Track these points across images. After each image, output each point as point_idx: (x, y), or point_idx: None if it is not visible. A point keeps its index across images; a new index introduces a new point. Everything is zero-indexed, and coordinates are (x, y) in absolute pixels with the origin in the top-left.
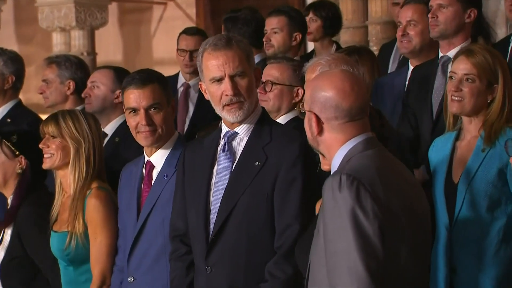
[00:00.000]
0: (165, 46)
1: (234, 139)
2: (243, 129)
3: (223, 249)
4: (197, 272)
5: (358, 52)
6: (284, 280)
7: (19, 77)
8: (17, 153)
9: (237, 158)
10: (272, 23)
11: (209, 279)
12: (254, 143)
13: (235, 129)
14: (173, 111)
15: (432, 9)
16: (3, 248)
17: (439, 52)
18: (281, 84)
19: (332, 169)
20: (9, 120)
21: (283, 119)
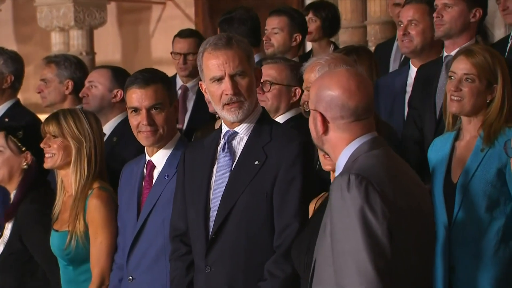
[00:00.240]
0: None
1: (234, 139)
2: (243, 128)
3: (222, 248)
4: (197, 271)
5: (356, 51)
6: (283, 279)
7: (18, 77)
8: (23, 148)
9: (237, 157)
10: (273, 23)
11: (208, 278)
12: (254, 143)
13: (235, 129)
14: (176, 111)
15: (437, 8)
16: (2, 242)
17: (444, 51)
18: (280, 84)
19: (337, 168)
20: (6, 119)
21: (281, 119)
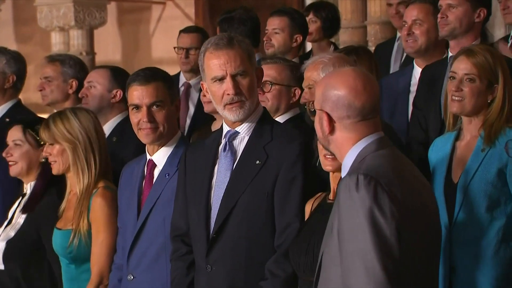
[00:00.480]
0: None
1: (235, 138)
2: (244, 128)
3: (223, 247)
4: (198, 270)
5: (356, 52)
6: (284, 278)
7: (20, 77)
8: (42, 142)
9: (238, 157)
10: (273, 23)
11: (209, 278)
12: (255, 142)
13: (236, 128)
14: (177, 110)
15: (441, 8)
16: (13, 228)
17: (449, 52)
18: (280, 84)
19: (343, 168)
20: (7, 120)
21: (280, 119)
